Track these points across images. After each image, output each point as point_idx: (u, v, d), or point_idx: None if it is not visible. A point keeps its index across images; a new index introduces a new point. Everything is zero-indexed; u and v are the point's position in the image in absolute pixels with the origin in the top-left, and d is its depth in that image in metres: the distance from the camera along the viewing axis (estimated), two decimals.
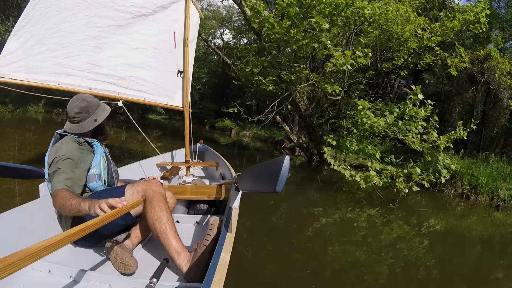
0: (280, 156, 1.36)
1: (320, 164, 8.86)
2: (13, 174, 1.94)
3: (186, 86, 3.62)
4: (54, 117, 14.94)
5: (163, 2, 3.07)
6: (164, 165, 3.54)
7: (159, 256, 1.50)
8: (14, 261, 0.67)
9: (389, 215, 4.67)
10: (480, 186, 6.42)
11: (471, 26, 7.16)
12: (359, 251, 3.18)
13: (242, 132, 17.06)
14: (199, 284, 1.03)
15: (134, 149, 8.24)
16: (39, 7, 2.07)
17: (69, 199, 1.29)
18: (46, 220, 1.59)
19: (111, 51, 2.61)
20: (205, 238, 1.38)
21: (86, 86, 2.47)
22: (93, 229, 1.01)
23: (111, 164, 1.75)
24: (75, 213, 1.27)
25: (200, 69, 24.06)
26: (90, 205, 1.20)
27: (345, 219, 4.37)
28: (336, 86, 6.40)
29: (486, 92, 12.35)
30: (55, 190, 1.36)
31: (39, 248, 0.76)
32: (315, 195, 5.60)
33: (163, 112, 27.96)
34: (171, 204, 1.74)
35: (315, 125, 9.02)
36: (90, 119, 1.63)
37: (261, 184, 1.55)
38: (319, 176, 7.56)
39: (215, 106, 23.83)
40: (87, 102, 1.63)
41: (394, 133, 5.59)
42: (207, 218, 2.05)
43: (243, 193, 1.79)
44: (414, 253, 3.31)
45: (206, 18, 23.28)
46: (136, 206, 1.37)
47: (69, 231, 0.90)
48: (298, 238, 3.36)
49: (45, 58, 2.17)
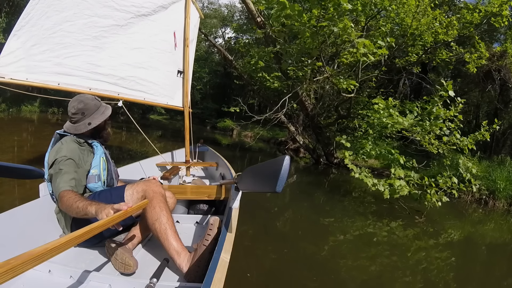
0: (280, 156, 1.35)
1: (328, 167, 8.45)
2: (13, 174, 1.94)
3: (186, 86, 3.62)
4: (49, 117, 14.68)
5: (163, 2, 3.07)
6: (164, 165, 3.54)
7: (159, 256, 1.50)
8: (17, 264, 0.66)
9: (405, 223, 4.18)
10: (498, 191, 5.90)
11: (492, 19, 6.55)
12: (375, 265, 2.86)
13: (244, 132, 16.85)
14: (199, 284, 1.03)
15: (134, 149, 8.21)
16: (39, 6, 2.06)
17: (76, 202, 1.29)
18: (46, 220, 1.59)
19: (111, 51, 2.61)
20: (205, 238, 1.38)
21: (86, 86, 2.47)
22: (98, 231, 1.01)
23: (111, 164, 1.75)
24: (81, 216, 1.27)
25: (201, 69, 23.92)
26: (96, 210, 1.20)
27: (357, 228, 3.90)
28: (353, 81, 5.65)
29: (499, 91, 12.03)
30: (60, 191, 1.36)
31: (43, 251, 0.75)
32: (322, 200, 5.22)
33: (164, 112, 27.92)
34: (171, 204, 1.74)
35: (323, 125, 8.57)
36: (84, 122, 1.62)
37: (261, 184, 1.55)
38: (326, 180, 7.15)
39: (216, 106, 23.75)
40: (84, 104, 1.62)
41: (414, 134, 4.98)
42: (207, 218, 2.05)
43: (243, 193, 1.79)
44: (434, 267, 2.95)
45: (207, 16, 23.19)
46: (141, 208, 1.36)
47: (73, 234, 0.90)
48: (304, 247, 3.08)
49: (45, 58, 2.16)
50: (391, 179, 4.42)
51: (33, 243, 1.43)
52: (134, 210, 1.23)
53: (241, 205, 1.80)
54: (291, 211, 4.44)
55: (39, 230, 1.52)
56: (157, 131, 14.99)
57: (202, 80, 24.75)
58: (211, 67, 25.57)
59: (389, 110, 4.82)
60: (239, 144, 13.85)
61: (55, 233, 1.60)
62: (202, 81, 24.83)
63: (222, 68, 25.04)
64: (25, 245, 1.40)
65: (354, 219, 4.31)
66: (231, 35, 24.06)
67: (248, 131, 16.54)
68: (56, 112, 16.37)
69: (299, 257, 2.82)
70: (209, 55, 26.12)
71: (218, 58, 25.74)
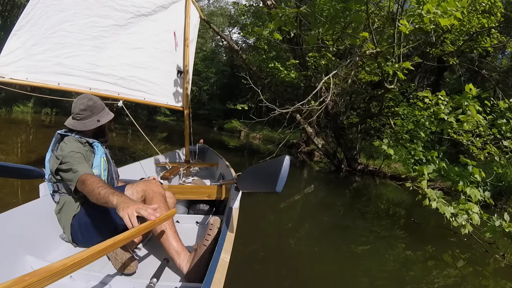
0: (280, 156, 1.35)
1: (350, 175, 7.33)
2: (13, 174, 1.94)
3: (186, 86, 3.62)
4: (42, 117, 13.99)
5: (163, 2, 3.07)
6: (164, 165, 3.54)
7: (159, 256, 1.50)
8: (34, 281, 0.62)
9: (475, 259, 3.07)
10: None
11: None
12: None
13: (252, 134, 16.37)
14: (199, 284, 1.03)
15: (139, 149, 8.05)
16: (39, 6, 2.06)
17: (98, 187, 1.25)
18: (46, 220, 1.59)
19: (111, 51, 2.61)
20: (205, 238, 1.38)
21: (86, 86, 2.47)
22: (121, 244, 0.95)
23: (112, 165, 1.75)
24: (101, 203, 1.24)
25: (208, 69, 23.55)
26: (118, 203, 1.15)
27: (398, 259, 2.96)
28: (407, 63, 4.07)
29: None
30: (82, 174, 1.35)
31: (61, 267, 0.71)
32: (344, 215, 4.40)
33: (170, 114, 27.69)
34: (171, 204, 1.74)
35: (346, 126, 7.31)
36: (93, 119, 1.64)
37: (261, 184, 1.55)
38: (348, 190, 6.22)
39: (223, 107, 22.86)
40: (93, 102, 1.65)
41: (485, 137, 3.99)
42: (207, 218, 2.05)
43: (245, 194, 1.79)
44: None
45: (213, 14, 22.81)
46: (170, 218, 1.28)
47: (94, 248, 0.85)
48: (325, 274, 2.44)
49: (45, 58, 2.16)
50: (462, 202, 3.04)
51: (33, 243, 1.44)
52: (162, 220, 1.17)
53: (250, 220, 1.73)
54: (308, 226, 3.72)
55: (39, 230, 1.51)
56: (161, 132, 14.54)
57: (209, 80, 24.39)
58: (218, 67, 25.21)
59: (472, 104, 3.49)
60: (247, 146, 13.04)
61: (55, 233, 1.60)
62: (209, 81, 24.49)
63: (229, 68, 24.67)
64: (25, 245, 1.40)
65: (389, 243, 3.34)
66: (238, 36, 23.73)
67: (256, 132, 16.12)
68: (49, 113, 15.69)
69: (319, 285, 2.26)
70: (215, 55, 25.71)
71: (225, 58, 25.37)
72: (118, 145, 8.52)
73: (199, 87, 23.86)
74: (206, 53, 25.17)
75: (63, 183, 1.53)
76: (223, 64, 25.72)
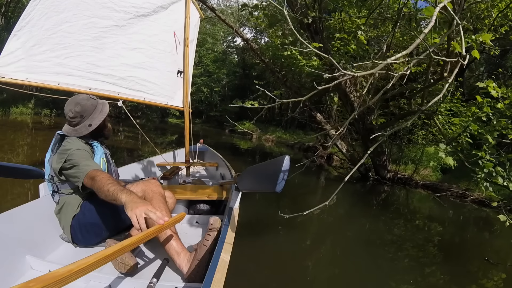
0: (280, 156, 1.35)
1: (378, 184, 6.48)
2: (13, 174, 1.95)
3: (186, 86, 3.62)
4: (42, 119, 13.75)
5: (162, 2, 3.07)
6: (164, 165, 3.54)
7: (159, 256, 1.50)
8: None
9: None
10: None
11: None
12: None
13: (264, 136, 15.78)
14: (199, 284, 1.03)
15: (144, 150, 7.98)
16: (39, 7, 2.06)
17: (108, 184, 1.24)
18: (46, 220, 1.59)
19: (111, 51, 2.61)
20: (205, 238, 1.38)
21: (86, 86, 2.48)
22: (129, 249, 0.94)
23: (111, 165, 1.75)
24: (110, 200, 1.23)
25: (219, 70, 23.08)
26: (126, 202, 1.14)
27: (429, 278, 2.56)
28: (487, 35, 2.05)
29: None
30: (91, 170, 1.34)
31: (67, 273, 0.69)
32: (372, 228, 3.89)
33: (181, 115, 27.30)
34: (171, 204, 1.74)
35: (375, 127, 5.99)
36: (84, 124, 1.61)
37: (261, 184, 1.56)
38: (376, 201, 5.53)
39: (235, 109, 21.94)
40: (81, 106, 1.59)
41: None
42: (207, 218, 2.05)
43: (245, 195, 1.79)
44: None
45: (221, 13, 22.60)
46: (178, 222, 1.28)
47: (101, 254, 0.84)
48: None
49: (45, 58, 2.17)
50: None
51: (33, 243, 1.44)
52: (170, 224, 1.16)
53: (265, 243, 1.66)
54: (329, 243, 3.34)
55: (39, 230, 1.51)
56: (171, 135, 13.95)
57: (220, 82, 23.80)
58: (229, 68, 24.53)
59: None
60: (259, 149, 12.23)
61: (55, 233, 1.60)
62: (220, 83, 23.91)
63: (241, 69, 24.13)
64: (25, 245, 1.40)
65: (425, 269, 2.77)
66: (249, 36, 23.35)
67: (269, 135, 15.58)
68: (49, 114, 15.54)
69: None
70: (227, 56, 25.15)
71: (236, 60, 24.88)
72: (125, 146, 8.39)
73: (210, 89, 23.47)
74: (217, 54, 24.76)
75: (63, 184, 1.53)
76: (234, 65, 25.11)
